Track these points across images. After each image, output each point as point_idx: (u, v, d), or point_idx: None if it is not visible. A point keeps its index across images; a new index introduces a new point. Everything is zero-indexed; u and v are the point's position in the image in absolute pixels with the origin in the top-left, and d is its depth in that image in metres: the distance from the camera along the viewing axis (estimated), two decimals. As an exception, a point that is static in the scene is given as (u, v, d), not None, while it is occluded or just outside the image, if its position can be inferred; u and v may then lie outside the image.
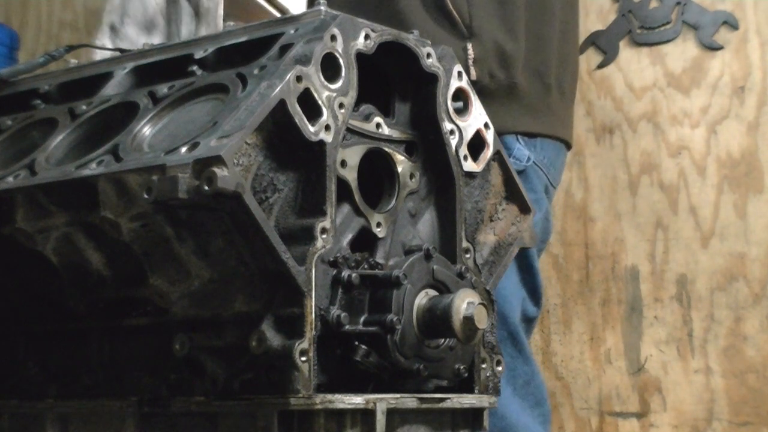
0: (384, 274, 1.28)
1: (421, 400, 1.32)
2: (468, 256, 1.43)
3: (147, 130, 1.35)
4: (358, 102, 1.35)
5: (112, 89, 1.52)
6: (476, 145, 1.46)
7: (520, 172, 2.15)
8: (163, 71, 1.49)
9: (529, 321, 2.22)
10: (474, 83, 2.10)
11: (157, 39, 3.01)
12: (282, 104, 1.24)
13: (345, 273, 1.26)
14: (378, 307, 1.27)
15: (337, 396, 1.23)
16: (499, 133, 2.12)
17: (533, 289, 2.20)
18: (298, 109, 1.25)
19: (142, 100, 1.41)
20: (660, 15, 2.87)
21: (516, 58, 2.16)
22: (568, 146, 2.30)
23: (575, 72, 2.33)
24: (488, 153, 1.48)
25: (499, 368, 1.44)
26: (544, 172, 2.22)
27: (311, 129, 1.26)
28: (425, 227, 1.42)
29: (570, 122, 2.31)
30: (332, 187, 1.27)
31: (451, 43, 2.08)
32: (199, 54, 1.46)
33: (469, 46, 2.12)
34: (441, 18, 2.13)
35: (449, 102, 1.43)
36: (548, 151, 2.22)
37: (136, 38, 2.64)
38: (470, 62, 2.11)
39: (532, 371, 2.17)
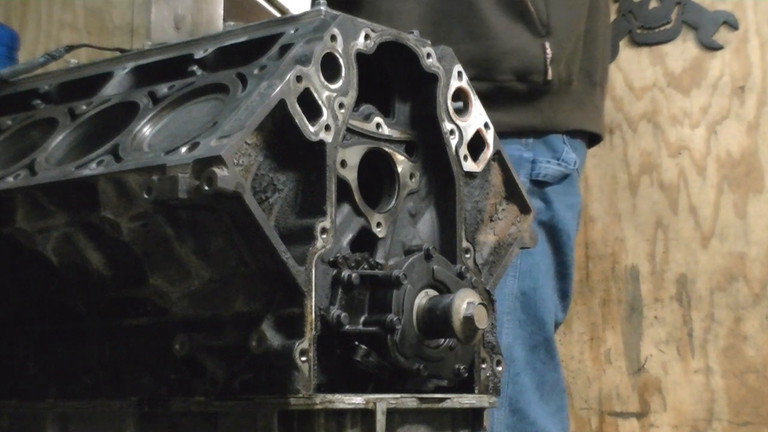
0: (384, 274, 1.28)
1: (421, 400, 1.32)
2: (468, 256, 1.43)
3: (147, 130, 1.35)
4: (358, 102, 1.35)
5: (112, 89, 1.52)
6: (476, 145, 1.46)
7: (565, 177, 2.16)
8: (163, 71, 1.49)
9: (556, 326, 2.23)
10: (545, 83, 2.10)
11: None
12: (282, 104, 1.24)
13: (345, 273, 1.26)
14: (378, 307, 1.27)
15: (337, 396, 1.23)
16: (546, 132, 2.13)
17: (565, 295, 2.21)
18: (298, 109, 1.25)
19: (142, 100, 1.41)
20: (660, 15, 2.87)
21: (576, 55, 2.16)
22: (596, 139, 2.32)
23: (608, 68, 2.36)
24: (488, 153, 1.48)
25: (499, 368, 1.44)
26: (580, 176, 2.24)
27: (311, 129, 1.26)
28: (425, 227, 1.42)
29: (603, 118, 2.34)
30: (332, 187, 1.27)
31: (527, 40, 2.08)
32: (199, 54, 1.46)
33: (547, 44, 2.11)
34: (517, 15, 2.10)
35: (449, 102, 1.43)
36: (581, 153, 2.24)
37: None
38: (548, 61, 2.10)
39: (558, 378, 2.18)
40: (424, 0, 2.09)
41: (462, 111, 1.46)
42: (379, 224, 1.36)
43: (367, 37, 1.34)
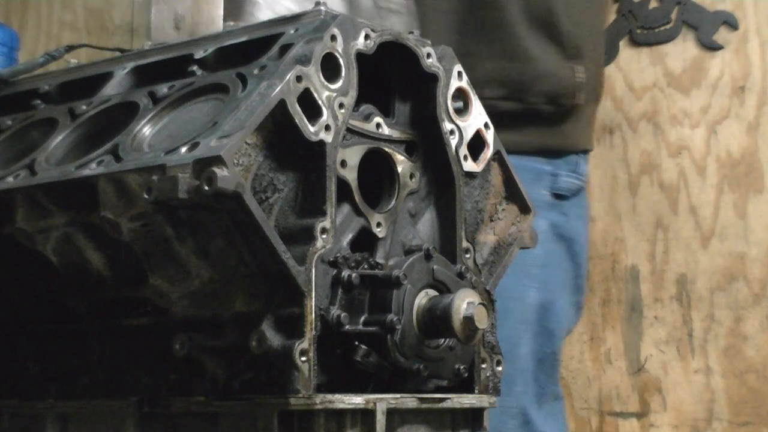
0: (384, 274, 1.28)
1: (421, 400, 1.32)
2: (468, 256, 1.43)
3: (147, 130, 1.35)
4: (358, 102, 1.35)
5: (112, 89, 1.52)
6: (476, 145, 1.46)
7: (580, 189, 2.18)
8: (163, 71, 1.49)
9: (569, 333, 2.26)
10: (573, 106, 2.12)
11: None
12: (282, 104, 1.24)
13: (345, 273, 1.26)
14: (378, 307, 1.27)
15: (337, 396, 1.23)
16: (568, 152, 2.15)
17: (579, 307, 2.24)
18: (298, 109, 1.25)
19: (142, 100, 1.41)
20: (660, 15, 2.87)
21: (599, 76, 2.21)
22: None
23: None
24: (488, 153, 1.48)
25: (499, 368, 1.44)
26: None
27: (311, 129, 1.26)
28: (425, 227, 1.42)
29: None
30: (332, 187, 1.27)
31: (559, 64, 2.09)
32: (199, 54, 1.46)
33: (578, 68, 2.12)
34: (549, 36, 2.10)
35: (449, 102, 1.43)
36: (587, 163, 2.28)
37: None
38: (578, 85, 2.12)
39: (558, 392, 2.20)
40: (450, 10, 2.09)
41: (462, 111, 1.46)
42: (379, 224, 1.36)
43: (367, 37, 1.34)
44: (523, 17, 2.09)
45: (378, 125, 1.38)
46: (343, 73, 1.31)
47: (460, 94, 1.45)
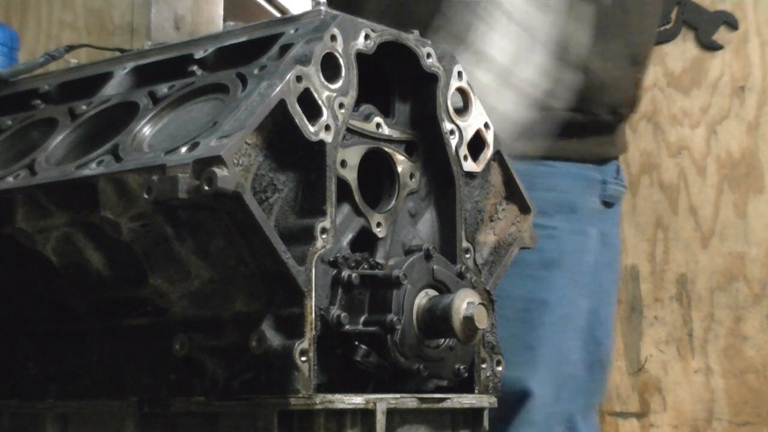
0: (384, 274, 1.28)
1: (421, 400, 1.32)
2: (468, 256, 1.43)
3: (147, 130, 1.35)
4: (358, 102, 1.35)
5: (112, 89, 1.52)
6: (476, 145, 1.46)
7: (621, 197, 2.17)
8: (163, 71, 1.49)
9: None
10: (629, 114, 2.11)
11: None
12: (282, 104, 1.24)
13: (345, 273, 1.26)
14: (378, 307, 1.27)
15: (337, 396, 1.23)
16: (615, 158, 2.14)
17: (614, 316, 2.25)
18: (298, 109, 1.25)
19: (142, 100, 1.41)
20: (660, 15, 2.87)
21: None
22: None
23: None
24: (488, 153, 1.48)
25: (499, 368, 1.44)
26: None
27: (311, 129, 1.26)
28: (425, 227, 1.42)
29: None
30: (332, 187, 1.27)
31: (624, 69, 2.07)
32: (199, 54, 1.46)
33: (639, 78, 2.11)
34: (612, 41, 2.06)
35: (449, 102, 1.43)
36: None
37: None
38: (638, 93, 2.11)
39: (602, 399, 2.21)
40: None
41: (462, 111, 1.46)
42: (379, 224, 1.36)
43: (367, 37, 1.34)
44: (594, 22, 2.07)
45: (378, 125, 1.38)
46: (343, 73, 1.31)
47: (461, 94, 1.45)
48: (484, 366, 1.42)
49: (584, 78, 1.97)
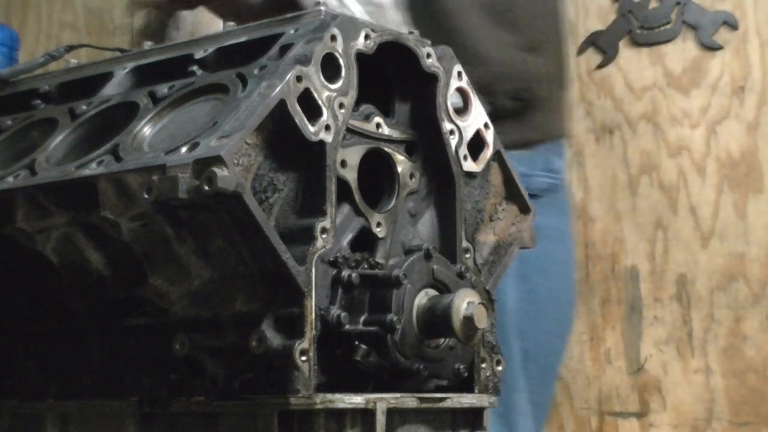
0: (384, 274, 1.28)
1: (421, 399, 1.32)
2: (468, 256, 1.43)
3: (147, 130, 1.35)
4: (358, 102, 1.35)
5: (112, 89, 1.52)
6: (476, 145, 1.46)
7: (554, 187, 2.17)
8: (163, 71, 1.49)
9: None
10: (535, 99, 2.13)
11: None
12: (282, 104, 1.24)
13: (345, 273, 1.27)
14: (378, 307, 1.27)
15: (337, 396, 1.23)
16: (536, 143, 2.16)
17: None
18: (298, 109, 1.25)
19: (142, 100, 1.41)
20: (660, 15, 2.87)
21: (562, 65, 2.22)
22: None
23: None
24: (488, 153, 1.48)
25: (499, 368, 1.44)
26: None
27: (311, 129, 1.26)
28: (425, 227, 1.42)
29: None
30: (332, 187, 1.27)
31: (520, 59, 2.10)
32: (199, 54, 1.46)
33: (537, 61, 2.13)
34: (506, 33, 2.11)
35: (449, 102, 1.43)
36: (565, 157, 2.27)
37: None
38: (541, 78, 2.13)
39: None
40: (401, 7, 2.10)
41: (462, 111, 1.46)
42: (379, 224, 1.36)
43: (367, 37, 1.34)
44: (481, 12, 2.11)
45: (378, 125, 1.38)
46: (343, 73, 1.31)
47: (461, 94, 1.46)
48: (484, 366, 1.42)
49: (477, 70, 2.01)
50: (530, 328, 2.07)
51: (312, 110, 1.27)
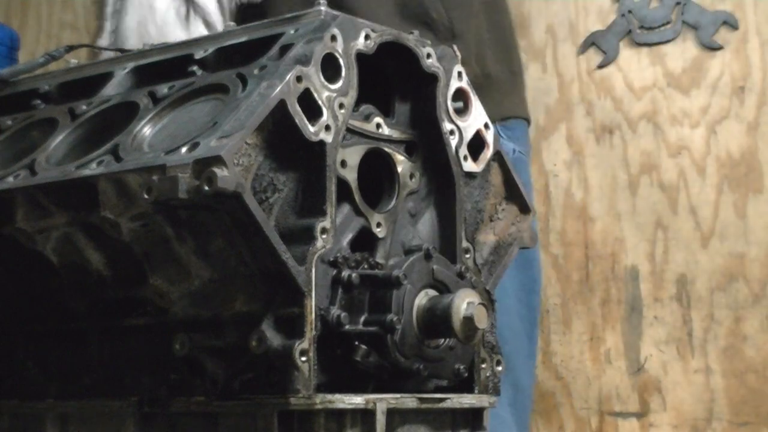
0: (384, 274, 1.28)
1: (421, 400, 1.32)
2: (468, 256, 1.43)
3: (147, 130, 1.35)
4: (358, 102, 1.35)
5: (112, 89, 1.52)
6: (476, 145, 1.46)
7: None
8: (163, 71, 1.49)
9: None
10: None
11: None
12: (282, 104, 1.24)
13: (345, 273, 1.27)
14: (378, 307, 1.27)
15: (337, 396, 1.23)
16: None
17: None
18: (298, 109, 1.25)
19: (142, 100, 1.41)
20: (660, 15, 2.87)
21: (485, 50, 2.30)
22: (528, 123, 2.49)
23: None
24: (488, 153, 1.48)
25: (499, 368, 1.44)
26: (528, 159, 2.38)
27: (311, 129, 1.26)
28: (425, 227, 1.42)
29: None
30: (332, 187, 1.27)
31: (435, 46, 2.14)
32: (199, 54, 1.46)
33: (455, 47, 2.16)
34: (421, 24, 2.17)
35: (449, 102, 1.43)
36: (522, 138, 2.39)
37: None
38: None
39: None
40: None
41: (462, 111, 1.46)
42: (379, 224, 1.36)
43: (367, 37, 1.34)
44: (395, 8, 2.18)
45: (378, 125, 1.38)
46: (343, 74, 1.31)
47: (460, 95, 1.46)
48: (484, 366, 1.42)
49: None
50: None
51: (312, 110, 1.27)
